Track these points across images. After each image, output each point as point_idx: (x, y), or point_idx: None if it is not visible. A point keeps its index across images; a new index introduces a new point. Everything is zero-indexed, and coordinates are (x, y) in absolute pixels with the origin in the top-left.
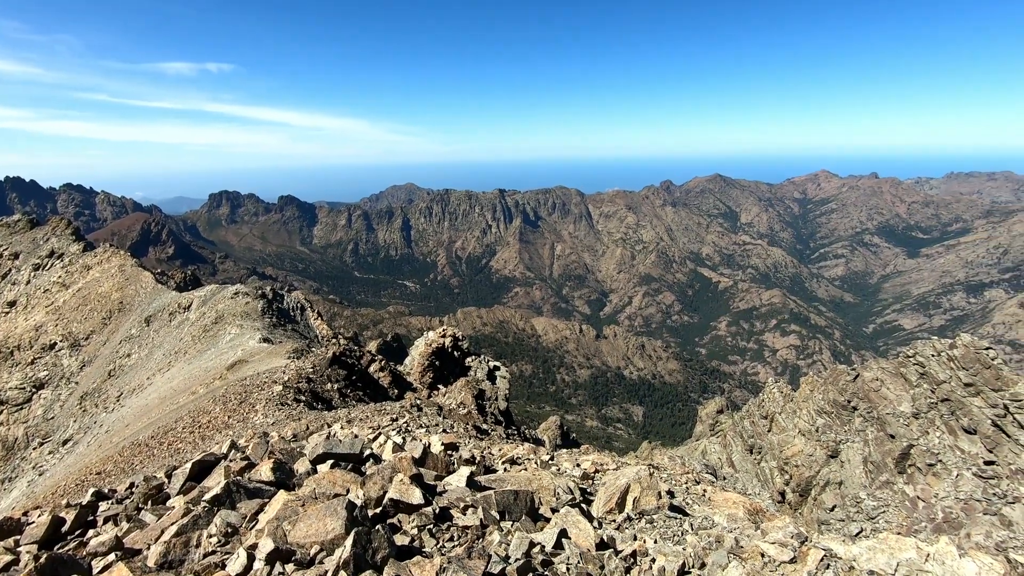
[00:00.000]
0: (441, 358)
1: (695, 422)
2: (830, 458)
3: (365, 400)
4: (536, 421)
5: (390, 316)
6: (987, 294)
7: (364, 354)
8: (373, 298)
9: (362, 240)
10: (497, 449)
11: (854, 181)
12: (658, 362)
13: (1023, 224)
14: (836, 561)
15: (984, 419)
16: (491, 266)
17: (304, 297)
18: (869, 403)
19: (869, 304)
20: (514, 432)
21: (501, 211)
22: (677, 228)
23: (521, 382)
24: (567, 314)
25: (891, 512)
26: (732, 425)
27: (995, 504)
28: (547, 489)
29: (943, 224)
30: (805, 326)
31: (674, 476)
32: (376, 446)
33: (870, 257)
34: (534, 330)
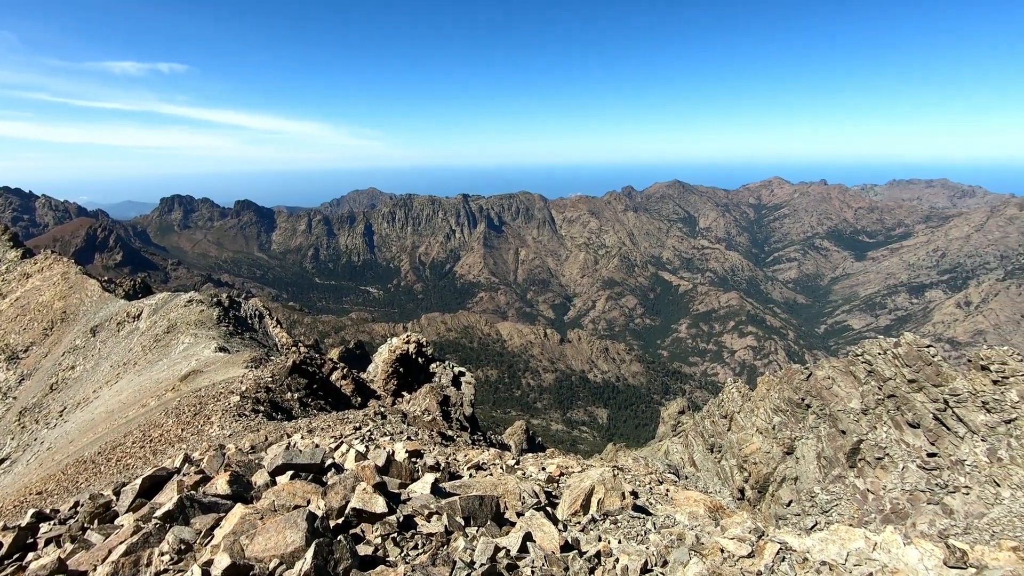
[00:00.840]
0: (405, 365)
1: (658, 423)
2: (786, 455)
3: (327, 409)
4: (502, 426)
5: (353, 323)
6: (927, 295)
7: (326, 362)
8: (335, 305)
9: (323, 246)
10: (462, 455)
11: (805, 188)
12: (622, 365)
13: (958, 229)
14: (791, 554)
15: (926, 413)
16: (455, 271)
17: (262, 304)
18: (822, 401)
19: (820, 305)
20: (480, 438)
21: (465, 216)
22: (639, 233)
23: (486, 387)
24: (532, 318)
25: (843, 505)
26: (693, 425)
27: (938, 494)
28: (512, 493)
29: (887, 228)
30: (761, 327)
31: (638, 477)
32: (338, 455)
33: (821, 260)
34: (499, 335)
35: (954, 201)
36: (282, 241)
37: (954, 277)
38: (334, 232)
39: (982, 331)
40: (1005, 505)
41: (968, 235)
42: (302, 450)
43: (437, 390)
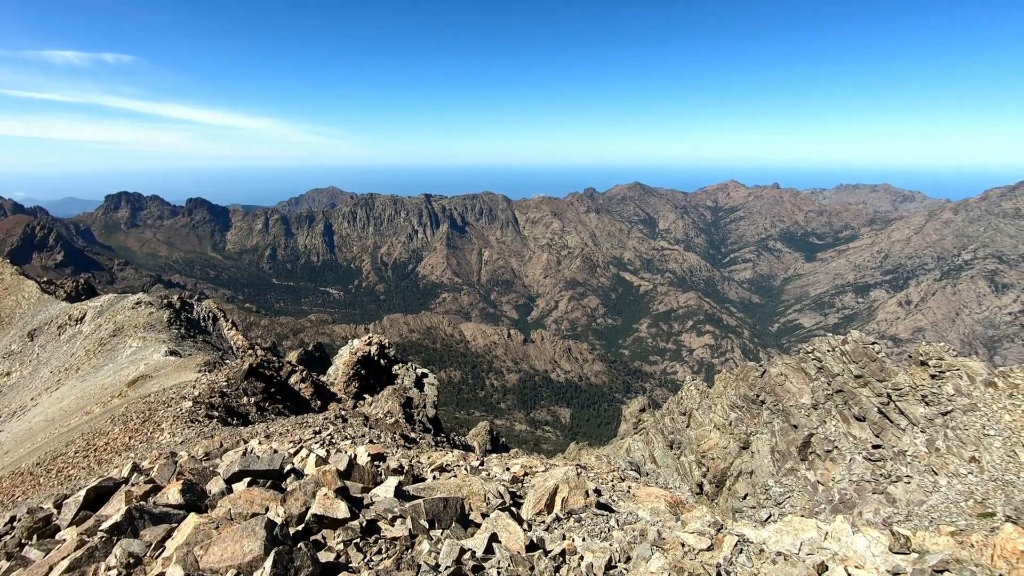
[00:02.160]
0: (367, 367)
1: (620, 421)
2: (742, 449)
3: (285, 413)
4: (466, 427)
5: (312, 325)
6: (872, 294)
7: (284, 365)
8: (293, 306)
9: (281, 245)
10: (426, 457)
11: (759, 191)
12: (584, 364)
13: (899, 232)
14: (748, 545)
15: (872, 407)
16: (418, 272)
17: (216, 306)
18: (775, 396)
19: (774, 304)
20: (443, 439)
21: (428, 216)
22: (600, 234)
23: (450, 388)
24: (495, 319)
25: (796, 496)
26: (654, 423)
27: (882, 484)
28: (477, 495)
29: (835, 231)
30: (718, 326)
31: (601, 475)
32: (298, 461)
33: (774, 261)
34: (462, 336)
35: (896, 205)
36: (237, 241)
37: (896, 277)
38: (292, 232)
39: (921, 328)
40: (942, 492)
41: (908, 238)
42: (259, 456)
43: (400, 392)
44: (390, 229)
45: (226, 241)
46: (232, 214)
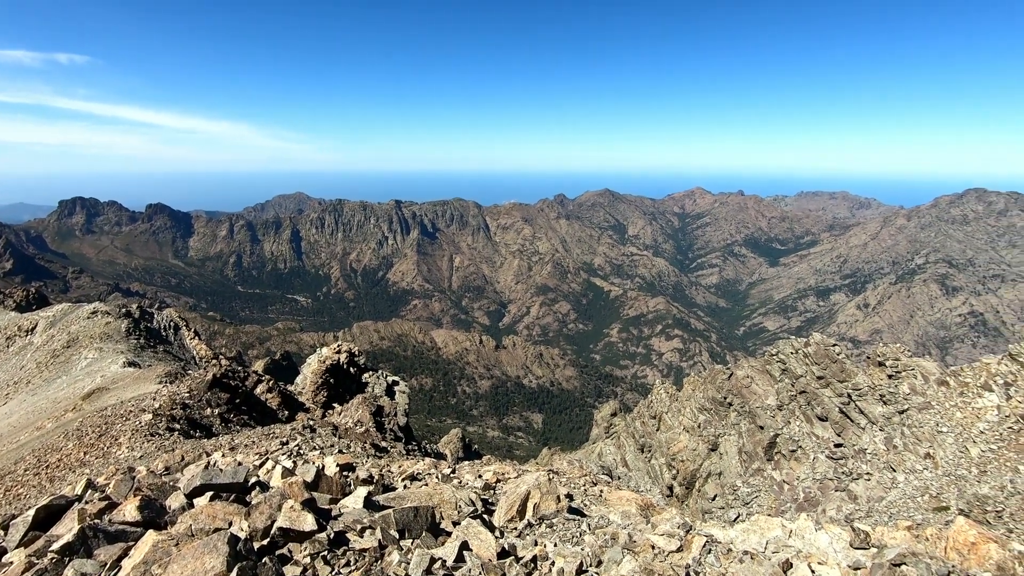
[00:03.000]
0: (336, 375)
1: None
2: (711, 451)
3: (251, 424)
4: (437, 435)
5: (279, 333)
6: (832, 298)
7: (249, 375)
8: (259, 314)
9: (246, 252)
10: (397, 466)
11: (724, 198)
12: (556, 370)
13: (857, 237)
14: (716, 545)
15: (833, 407)
16: (388, 278)
17: (178, 315)
18: (742, 398)
19: (740, 308)
20: (415, 448)
21: (398, 222)
22: (571, 240)
23: (421, 396)
24: (467, 325)
25: (762, 496)
26: (625, 426)
27: (844, 482)
28: (448, 503)
29: (796, 236)
30: (687, 330)
31: (573, 479)
32: (263, 473)
33: (739, 266)
34: (434, 343)
35: (853, 212)
36: (200, 247)
37: (854, 281)
38: (258, 238)
39: (879, 330)
40: (900, 488)
41: (865, 243)
42: (223, 469)
43: (370, 400)
44: (359, 235)
45: (188, 248)
46: (195, 220)
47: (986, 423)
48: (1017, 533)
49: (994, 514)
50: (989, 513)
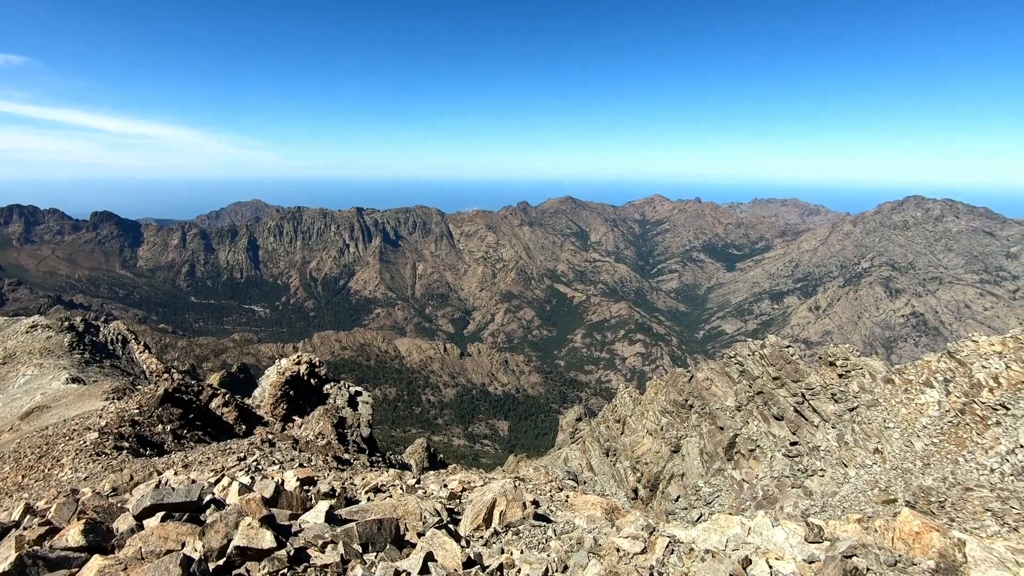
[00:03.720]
0: (296, 387)
1: (557, 431)
2: (673, 453)
3: (206, 440)
4: (402, 445)
5: (235, 345)
6: (786, 301)
7: (204, 388)
8: (214, 326)
9: (200, 262)
10: (360, 479)
11: (683, 205)
12: (521, 376)
13: (808, 243)
14: (679, 545)
15: (788, 407)
16: (350, 287)
17: (127, 328)
18: (702, 400)
19: (699, 312)
20: (379, 459)
21: (360, 230)
22: (534, 247)
23: (385, 406)
24: (431, 333)
25: (723, 495)
26: (590, 431)
27: (800, 479)
28: (413, 514)
29: (751, 242)
30: (648, 335)
31: (539, 486)
32: (219, 490)
33: (698, 271)
34: (397, 352)
35: (804, 218)
36: (151, 257)
37: (806, 285)
38: (213, 247)
39: (829, 331)
40: (852, 483)
41: (815, 248)
42: (175, 487)
43: (332, 412)
44: (320, 243)
45: (137, 258)
46: (144, 229)
47: (928, 418)
48: (958, 522)
49: (937, 504)
50: (933, 504)
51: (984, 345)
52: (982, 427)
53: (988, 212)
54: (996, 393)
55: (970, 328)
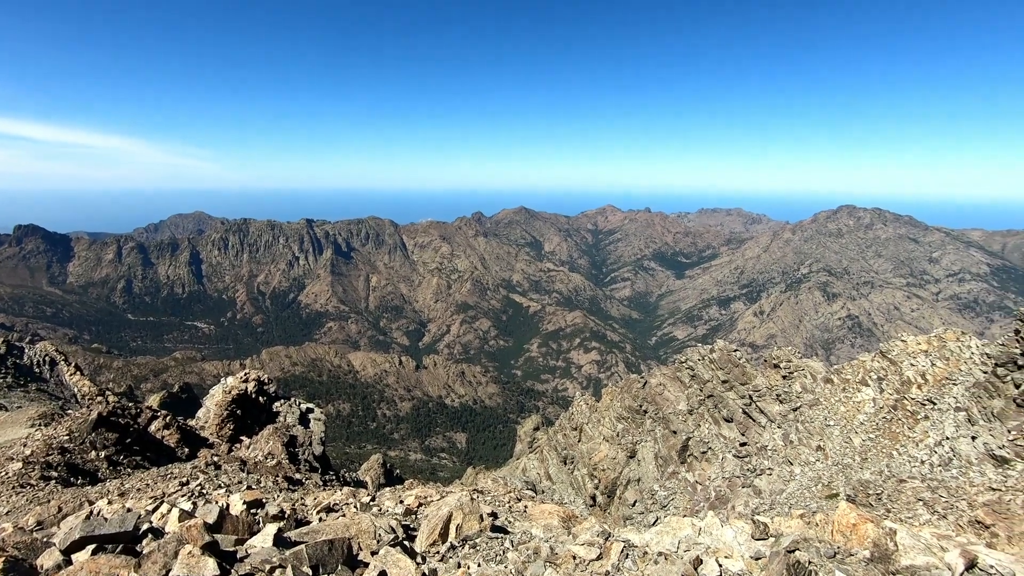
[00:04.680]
0: (244, 406)
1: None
2: (630, 458)
3: (145, 466)
4: (357, 462)
5: (177, 363)
6: (732, 306)
7: (142, 411)
8: (154, 344)
9: (137, 277)
10: (311, 499)
11: (633, 215)
12: (478, 387)
13: (751, 250)
14: (633, 550)
15: (737, 408)
16: (300, 301)
17: (55, 348)
18: (656, 405)
19: (651, 319)
20: (332, 478)
21: (310, 242)
22: (489, 257)
23: (339, 422)
24: (386, 346)
25: (678, 498)
26: (547, 440)
27: (749, 478)
28: (366, 532)
29: (699, 250)
30: (603, 342)
31: (497, 497)
32: (157, 518)
33: (649, 279)
34: (351, 366)
35: (747, 227)
36: (82, 273)
37: (751, 290)
38: (152, 261)
39: (773, 335)
40: (797, 480)
41: (758, 255)
42: (108, 518)
43: (282, 431)
44: (268, 256)
45: (67, 273)
46: (75, 243)
47: (865, 415)
48: (894, 512)
49: (875, 497)
50: (871, 496)
51: (912, 344)
52: (912, 422)
53: (912, 220)
54: (924, 389)
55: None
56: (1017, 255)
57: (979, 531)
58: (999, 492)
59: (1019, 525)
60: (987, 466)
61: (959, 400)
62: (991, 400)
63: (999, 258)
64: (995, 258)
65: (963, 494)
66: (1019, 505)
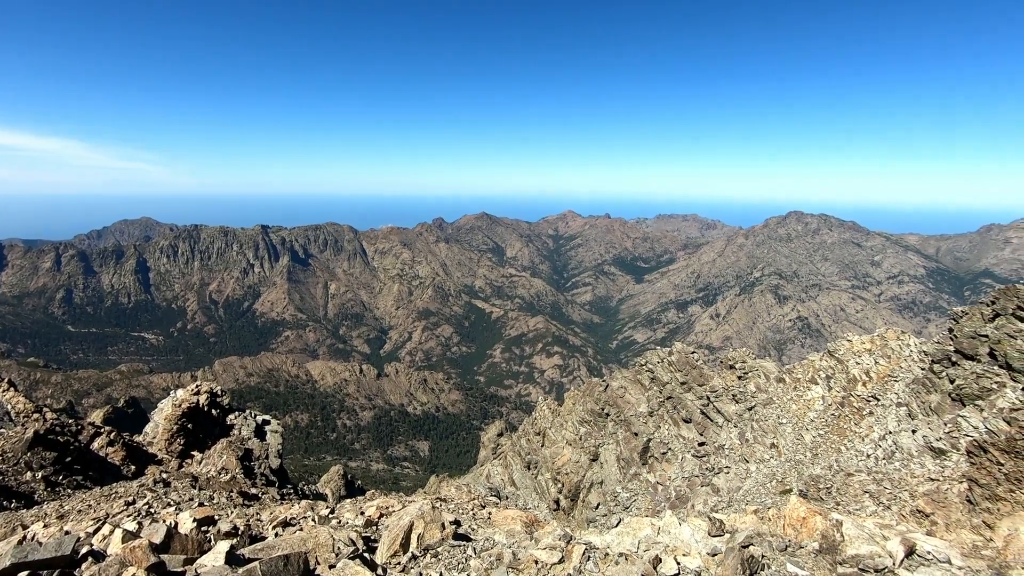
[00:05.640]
0: (195, 419)
1: (479, 448)
2: (592, 461)
3: (87, 486)
4: (317, 474)
5: (123, 377)
6: (690, 310)
7: (84, 427)
8: (97, 357)
9: (78, 286)
10: (267, 514)
11: (594, 220)
12: (441, 394)
13: (707, 255)
14: (595, 552)
15: (695, 409)
16: (255, 309)
17: None
18: (617, 408)
19: (612, 323)
20: (290, 491)
21: (265, 249)
22: (451, 263)
23: (297, 434)
24: (346, 355)
25: (640, 499)
26: (511, 445)
27: (708, 477)
28: (324, 546)
29: (657, 255)
30: (565, 347)
31: (461, 505)
32: (98, 540)
33: (610, 284)
34: (309, 375)
35: (703, 232)
36: (17, 282)
37: (707, 294)
38: (95, 269)
39: (728, 337)
40: (753, 477)
41: (714, 260)
42: (43, 542)
43: (236, 444)
44: (220, 264)
45: (0, 283)
46: (8, 250)
47: (815, 412)
48: (842, 505)
49: (825, 490)
50: (822, 490)
51: (857, 344)
52: (858, 418)
53: (855, 225)
54: (868, 386)
55: (845, 329)
56: (950, 258)
57: (920, 520)
58: (937, 482)
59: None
60: (926, 458)
61: (900, 396)
62: (929, 395)
63: (934, 261)
64: (930, 261)
65: (905, 485)
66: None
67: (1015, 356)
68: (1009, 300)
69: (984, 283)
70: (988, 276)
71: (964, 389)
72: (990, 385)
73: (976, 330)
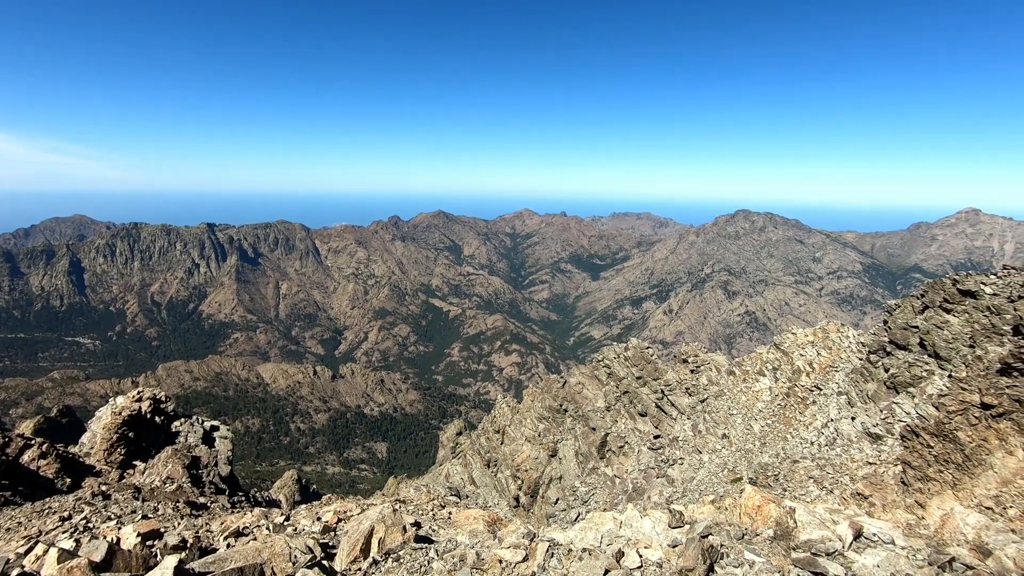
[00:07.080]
0: (137, 428)
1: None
2: (551, 457)
3: (17, 502)
4: (269, 480)
5: (55, 384)
6: (644, 306)
7: (12, 440)
8: (26, 363)
9: (3, 288)
10: (218, 524)
11: (550, 218)
12: (398, 395)
13: (660, 252)
14: (558, 548)
15: (650, 403)
16: (202, 311)
17: None
18: (575, 404)
19: (569, 320)
20: (241, 499)
21: (212, 248)
22: (408, 262)
23: (248, 439)
24: (299, 356)
25: (598, 492)
26: (471, 444)
27: (663, 469)
28: (280, 555)
29: (613, 252)
30: (523, 344)
31: (421, 506)
32: (31, 561)
33: (566, 281)
34: (260, 379)
35: (656, 230)
36: None
37: (661, 290)
38: (21, 271)
39: (681, 332)
40: (706, 467)
41: (666, 257)
42: None
43: (182, 452)
44: (163, 264)
45: None
46: None
47: (763, 403)
48: (789, 491)
49: (773, 478)
50: (770, 478)
51: (800, 337)
52: (803, 407)
53: (799, 223)
54: (812, 377)
55: (790, 322)
56: (884, 255)
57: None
58: (874, 466)
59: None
60: (864, 443)
61: (840, 385)
62: (866, 384)
63: (869, 257)
64: (866, 257)
65: (846, 470)
66: (891, 476)
67: (942, 345)
68: (936, 293)
69: (914, 277)
70: (918, 271)
71: (898, 377)
72: (921, 373)
73: (908, 322)
